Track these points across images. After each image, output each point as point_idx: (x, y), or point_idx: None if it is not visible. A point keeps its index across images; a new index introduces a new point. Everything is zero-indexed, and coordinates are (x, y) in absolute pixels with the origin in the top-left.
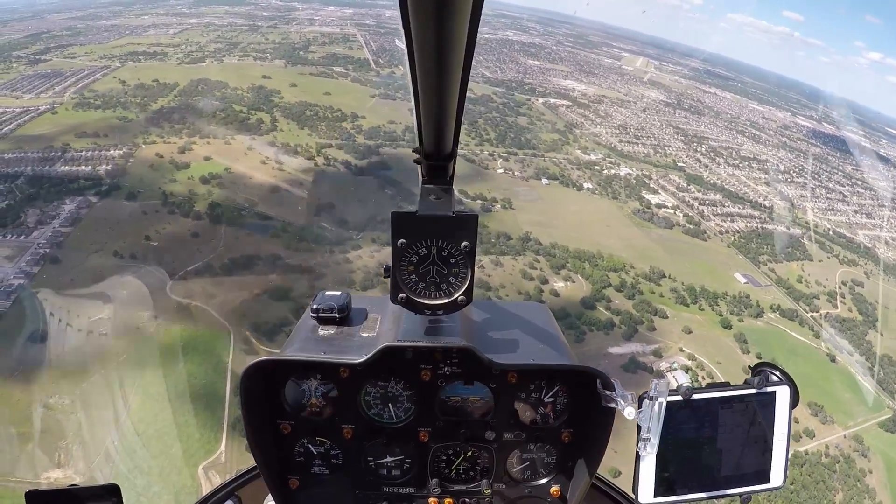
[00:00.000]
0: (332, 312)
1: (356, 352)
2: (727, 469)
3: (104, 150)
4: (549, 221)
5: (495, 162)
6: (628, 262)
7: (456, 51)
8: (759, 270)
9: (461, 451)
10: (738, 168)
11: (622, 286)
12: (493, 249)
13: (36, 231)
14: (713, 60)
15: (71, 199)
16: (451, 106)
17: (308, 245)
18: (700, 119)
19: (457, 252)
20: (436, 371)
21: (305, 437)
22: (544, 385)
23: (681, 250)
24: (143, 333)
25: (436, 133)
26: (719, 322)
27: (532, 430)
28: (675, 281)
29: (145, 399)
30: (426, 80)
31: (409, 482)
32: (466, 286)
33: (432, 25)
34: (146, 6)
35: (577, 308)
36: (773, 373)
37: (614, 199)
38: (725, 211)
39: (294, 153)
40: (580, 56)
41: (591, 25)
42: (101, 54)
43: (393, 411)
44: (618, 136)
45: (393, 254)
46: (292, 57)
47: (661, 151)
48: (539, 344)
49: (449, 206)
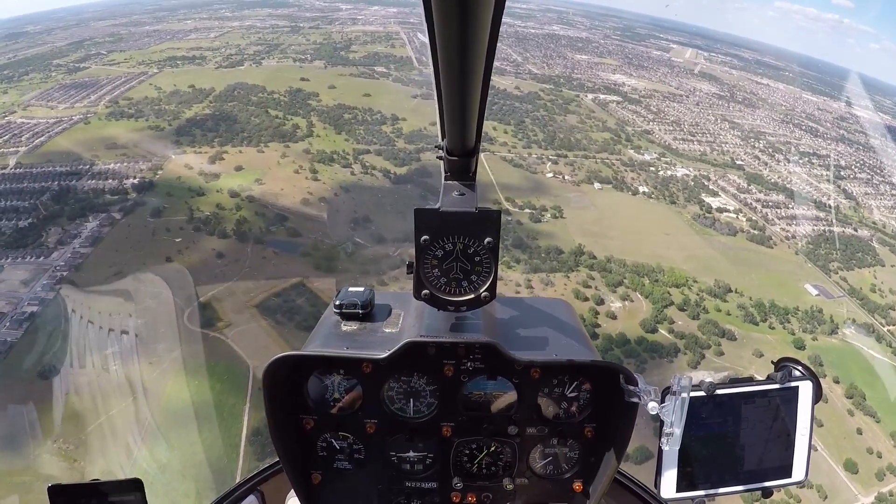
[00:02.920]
0: (356, 308)
1: (379, 347)
2: (749, 464)
3: (133, 162)
4: (604, 231)
5: (544, 165)
6: (691, 275)
7: (479, 46)
8: (829, 280)
9: (484, 446)
10: (799, 164)
11: (685, 304)
12: (543, 266)
13: (56, 252)
14: (762, 49)
15: (94, 216)
16: (474, 102)
17: (341, 265)
18: (755, 112)
19: (480, 248)
20: (458, 366)
21: (328, 431)
22: (567, 380)
23: (746, 260)
24: (154, 378)
25: (459, 129)
26: (792, 342)
27: (555, 425)
28: (742, 296)
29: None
30: (449, 75)
31: (431, 477)
32: (490, 282)
33: (455, 20)
34: (189, 11)
35: (637, 332)
36: (796, 368)
37: (672, 203)
38: (790, 213)
39: (330, 161)
40: (628, 49)
41: (637, 18)
42: (140, 60)
43: (416, 406)
44: (672, 132)
45: (416, 250)
46: (332, 57)
47: (717, 149)
48: (562, 339)
49: (472, 202)
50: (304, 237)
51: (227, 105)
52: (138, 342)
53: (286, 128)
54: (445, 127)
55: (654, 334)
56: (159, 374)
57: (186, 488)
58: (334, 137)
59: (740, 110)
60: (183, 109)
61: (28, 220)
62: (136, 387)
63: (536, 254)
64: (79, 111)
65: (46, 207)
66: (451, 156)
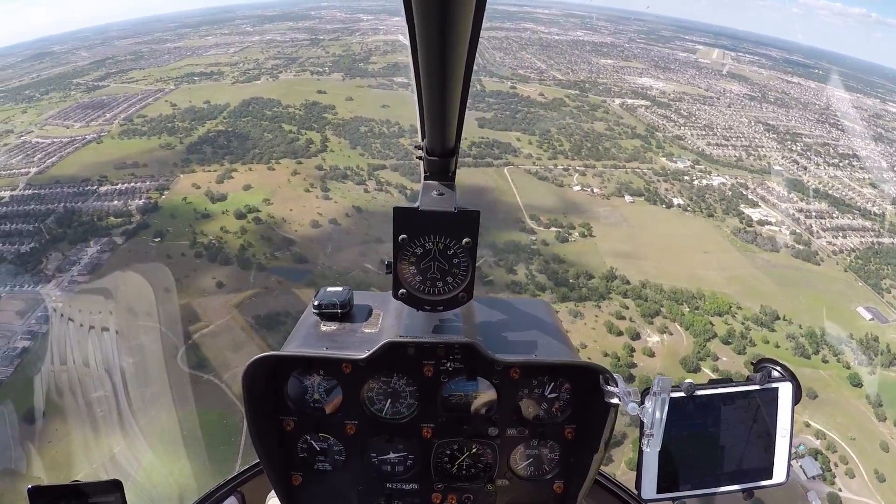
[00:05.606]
0: (334, 308)
1: (358, 347)
2: (730, 465)
3: (140, 182)
4: (637, 251)
5: (571, 177)
6: (734, 301)
7: (459, 46)
8: (882, 301)
9: (464, 447)
10: (839, 168)
11: (730, 336)
12: (571, 294)
13: (53, 280)
14: (789, 47)
15: (95, 241)
16: (454, 102)
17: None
18: (788, 112)
19: (458, 248)
20: (438, 367)
21: (308, 433)
22: (547, 381)
23: (793, 280)
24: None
25: (438, 129)
26: (847, 378)
27: (535, 426)
28: (791, 323)
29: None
30: (429, 75)
31: (412, 478)
32: (467, 283)
33: (436, 20)
34: (212, 27)
35: (679, 372)
36: (775, 368)
37: (710, 216)
38: (835, 223)
39: (343, 177)
40: (654, 51)
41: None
42: (158, 77)
43: (396, 407)
44: (704, 137)
45: (394, 249)
46: (351, 69)
47: (753, 153)
48: (542, 340)
49: (451, 202)
50: (311, 263)
51: (240, 121)
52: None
53: (300, 143)
54: (426, 127)
55: (696, 374)
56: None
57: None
58: (349, 152)
59: (773, 111)
60: (196, 126)
61: (31, 245)
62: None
63: (564, 280)
64: (93, 130)
65: (50, 231)
66: (431, 156)
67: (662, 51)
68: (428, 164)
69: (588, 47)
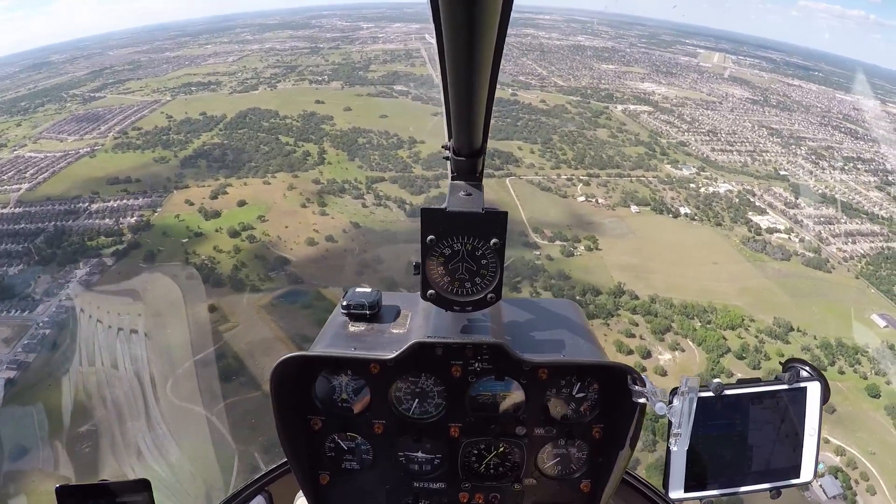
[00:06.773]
0: (363, 309)
1: (387, 348)
2: (757, 464)
3: (133, 199)
4: (645, 264)
5: (574, 188)
6: (747, 313)
7: (486, 46)
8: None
9: (492, 447)
10: (844, 171)
11: (744, 351)
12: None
13: (41, 305)
14: (789, 50)
15: (85, 262)
16: (481, 101)
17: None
18: (791, 116)
19: (486, 249)
20: (466, 367)
21: (336, 432)
22: (575, 381)
23: (804, 290)
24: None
25: (465, 129)
26: (865, 389)
27: (563, 425)
28: (805, 335)
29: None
30: (456, 75)
31: (439, 477)
32: (496, 283)
33: (463, 20)
34: (211, 36)
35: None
36: (804, 368)
37: (718, 225)
38: (844, 229)
39: (340, 191)
40: (655, 56)
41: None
42: (155, 87)
43: (424, 407)
44: (709, 143)
45: (422, 250)
46: (350, 78)
47: (758, 158)
48: (569, 340)
49: (478, 202)
50: (307, 284)
51: (236, 133)
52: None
53: (296, 155)
54: (452, 127)
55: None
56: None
57: None
58: (347, 164)
59: (776, 114)
60: (191, 139)
61: (19, 267)
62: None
63: (570, 297)
64: (87, 143)
65: (39, 251)
66: (458, 156)
67: (664, 55)
68: (455, 164)
69: (589, 52)
